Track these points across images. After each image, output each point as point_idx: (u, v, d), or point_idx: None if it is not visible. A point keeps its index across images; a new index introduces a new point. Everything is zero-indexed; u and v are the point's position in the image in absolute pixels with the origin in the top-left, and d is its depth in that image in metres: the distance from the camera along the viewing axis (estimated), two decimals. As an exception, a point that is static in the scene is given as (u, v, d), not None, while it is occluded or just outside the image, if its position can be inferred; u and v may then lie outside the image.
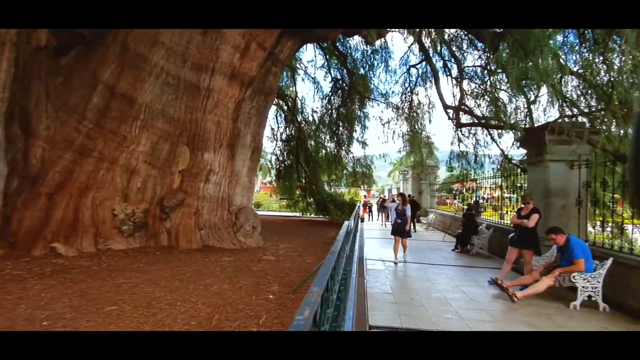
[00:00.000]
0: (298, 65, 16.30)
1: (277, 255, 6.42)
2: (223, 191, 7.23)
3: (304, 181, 15.71)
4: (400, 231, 7.22)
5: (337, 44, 14.23)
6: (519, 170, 7.86)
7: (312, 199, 15.40)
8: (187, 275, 4.60)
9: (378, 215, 17.45)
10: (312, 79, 17.00)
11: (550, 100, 7.25)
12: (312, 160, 15.19)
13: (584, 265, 4.33)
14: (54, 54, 7.71)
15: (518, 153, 9.58)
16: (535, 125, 7.62)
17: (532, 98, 8.40)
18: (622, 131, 5.32)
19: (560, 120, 5.52)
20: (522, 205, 5.45)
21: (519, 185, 7.91)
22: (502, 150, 8.57)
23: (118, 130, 7.00)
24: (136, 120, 7.03)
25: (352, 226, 4.11)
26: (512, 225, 5.33)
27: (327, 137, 16.01)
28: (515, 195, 8.19)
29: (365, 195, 21.52)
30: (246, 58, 7.57)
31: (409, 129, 13.79)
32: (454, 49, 8.73)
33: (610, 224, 5.44)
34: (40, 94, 6.88)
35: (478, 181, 10.79)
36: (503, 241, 8.10)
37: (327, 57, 15.31)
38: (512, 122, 7.87)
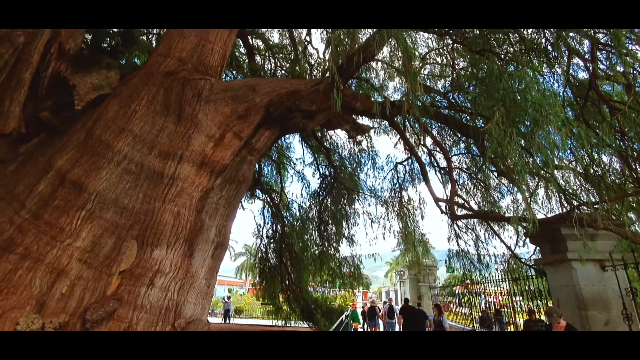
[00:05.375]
0: (286, 162, 16.40)
1: (228, 395, 4.59)
2: (169, 298, 5.73)
3: (287, 283, 13.94)
4: None
5: (324, 142, 14.57)
6: (532, 271, 6.61)
7: (295, 304, 13.44)
8: None
9: (368, 328, 14.84)
10: (300, 176, 16.94)
11: (546, 192, 6.67)
12: (296, 260, 13.81)
13: None
14: (16, 141, 7.24)
15: (524, 251, 8.47)
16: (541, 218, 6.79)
17: (529, 191, 7.81)
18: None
19: (577, 211, 4.65)
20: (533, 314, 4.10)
21: (532, 288, 6.56)
22: (508, 246, 7.49)
23: (57, 222, 5.93)
24: (81, 210, 6.03)
25: None
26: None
27: (315, 234, 14.96)
28: (533, 304, 6.72)
29: (371, 300, 18.10)
30: (220, 147, 7.10)
31: (401, 226, 12.97)
32: (437, 137, 8.57)
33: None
34: (-13, 182, 6.06)
35: (484, 284, 9.33)
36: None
37: (315, 154, 15.54)
38: (511, 214, 7.09)
